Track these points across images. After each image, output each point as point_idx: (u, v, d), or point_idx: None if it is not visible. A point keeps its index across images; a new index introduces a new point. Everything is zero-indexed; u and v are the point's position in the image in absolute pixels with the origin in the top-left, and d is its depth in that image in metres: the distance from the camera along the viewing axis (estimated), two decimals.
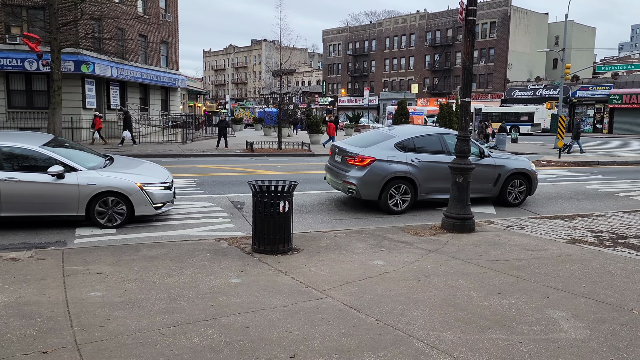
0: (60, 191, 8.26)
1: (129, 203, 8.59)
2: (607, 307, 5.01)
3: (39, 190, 8.19)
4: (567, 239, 7.96)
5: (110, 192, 8.52)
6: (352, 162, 10.32)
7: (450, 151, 10.41)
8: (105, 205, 8.54)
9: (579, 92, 55.90)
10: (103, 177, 8.63)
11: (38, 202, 8.24)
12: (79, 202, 8.36)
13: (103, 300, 4.91)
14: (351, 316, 4.67)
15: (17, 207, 8.20)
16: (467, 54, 8.43)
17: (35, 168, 8.35)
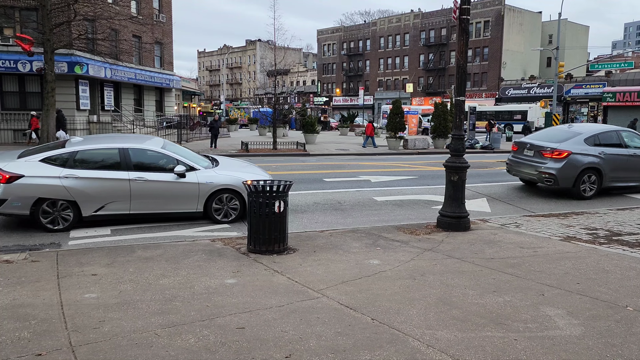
0: (183, 189, 8.94)
1: (242, 199, 9.15)
2: (602, 304, 5.03)
3: (164, 189, 8.86)
4: (561, 236, 7.99)
5: (225, 189, 9.17)
6: (550, 155, 12.03)
7: (628, 145, 12.60)
8: (221, 202, 9.18)
9: (573, 91, 56.13)
10: (219, 175, 9.30)
11: (163, 199, 8.91)
12: (198, 199, 9.04)
13: (98, 302, 4.89)
14: (347, 315, 4.67)
15: (144, 205, 8.84)
16: (461, 53, 8.45)
17: (160, 168, 9.02)
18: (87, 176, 8.44)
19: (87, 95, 27.73)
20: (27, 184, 8.18)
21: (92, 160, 8.72)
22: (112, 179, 8.59)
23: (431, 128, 30.71)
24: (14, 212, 8.29)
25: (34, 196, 8.20)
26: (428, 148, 27.84)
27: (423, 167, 18.89)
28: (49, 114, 20.97)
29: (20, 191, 8.15)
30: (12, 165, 8.37)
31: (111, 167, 8.73)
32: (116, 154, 8.86)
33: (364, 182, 14.32)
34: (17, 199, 8.14)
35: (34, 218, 8.30)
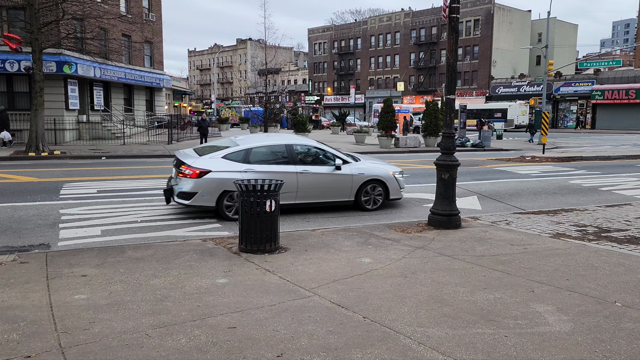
0: (339, 180, 10.00)
1: (386, 189, 10.39)
2: (591, 300, 5.07)
3: (324, 180, 9.87)
4: (551, 233, 8.05)
5: (373, 180, 10.30)
6: None
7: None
8: (366, 193, 10.27)
9: (562, 89, 56.59)
10: (367, 167, 10.43)
11: (322, 190, 9.91)
12: (351, 189, 10.11)
13: (88, 303, 4.86)
14: (338, 314, 4.67)
15: (307, 195, 9.80)
16: (451, 52, 8.48)
17: (320, 162, 10.04)
18: (262, 170, 9.27)
19: (76, 95, 27.49)
20: (214, 178, 9.10)
21: (264, 156, 9.70)
22: (282, 172, 9.42)
23: (422, 126, 30.81)
24: (202, 204, 9.25)
25: (219, 189, 9.10)
26: (419, 146, 27.93)
27: (414, 165, 18.95)
28: (37, 114, 20.79)
29: (208, 185, 9.08)
30: (200, 161, 9.30)
31: (280, 161, 9.71)
32: (284, 150, 9.86)
33: None
34: (205, 192, 9.08)
35: (218, 210, 9.25)
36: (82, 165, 17.80)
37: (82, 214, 9.57)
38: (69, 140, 26.71)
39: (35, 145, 20.59)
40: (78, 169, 16.61)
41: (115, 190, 12.26)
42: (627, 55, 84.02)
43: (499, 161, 21.05)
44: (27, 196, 11.17)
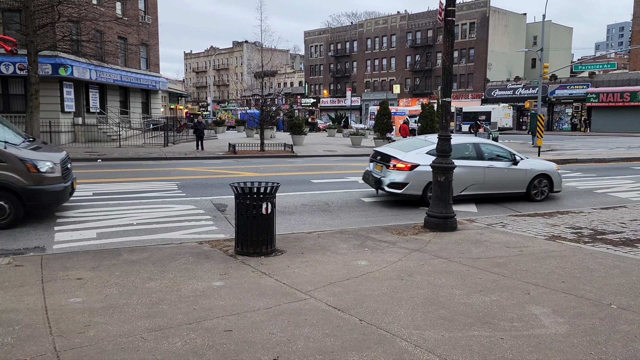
0: (516, 174, 11.70)
1: (551, 182, 12.05)
2: (587, 302, 5.09)
3: (503, 175, 11.59)
4: (547, 235, 8.07)
5: (541, 174, 11.92)
6: None
7: None
8: (534, 186, 11.88)
9: (557, 91, 56.82)
10: (537, 163, 12.22)
11: (502, 183, 11.63)
12: (525, 182, 11.77)
13: (83, 306, 4.84)
14: (335, 317, 4.67)
15: (490, 187, 11.51)
16: (446, 54, 8.50)
17: (499, 158, 11.74)
18: (459, 165, 10.12)
19: (71, 97, 27.43)
20: (422, 171, 10.54)
21: (458, 153, 10.85)
22: (474, 166, 11.29)
23: (418, 129, 30.86)
24: (411, 192, 10.89)
25: (426, 180, 10.52)
26: None
27: None
28: (32, 117, 20.74)
29: (418, 176, 10.75)
30: (409, 156, 11.00)
31: (471, 157, 11.47)
32: (472, 148, 11.64)
33: (352, 183, 14.35)
34: (415, 182, 10.79)
35: (423, 198, 10.84)
36: (78, 168, 17.71)
37: (78, 216, 9.54)
38: (65, 142, 26.62)
39: None
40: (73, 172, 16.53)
41: (111, 193, 12.23)
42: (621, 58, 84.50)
43: None
44: None
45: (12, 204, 8.48)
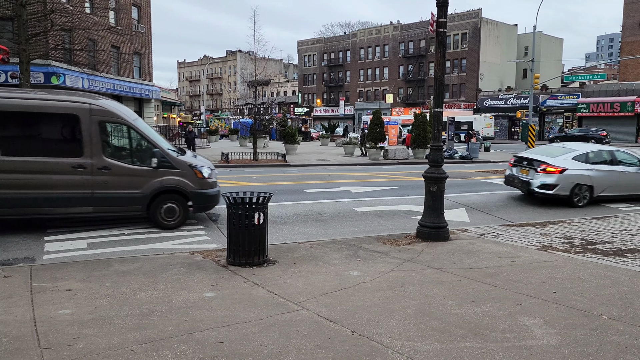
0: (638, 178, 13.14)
1: None
2: (578, 313, 5.10)
3: (631, 178, 13.02)
4: (538, 245, 8.11)
5: None
6: None
7: None
8: None
9: (549, 101, 57.34)
10: None
11: (632, 186, 13.10)
12: None
13: (72, 318, 4.79)
14: (327, 328, 4.65)
15: (622, 189, 12.99)
16: (438, 65, 8.57)
17: (628, 164, 13.13)
18: (598, 169, 12.49)
19: None
20: (570, 175, 12.29)
21: (595, 158, 12.84)
22: (611, 171, 12.74)
23: (411, 138, 30.98)
24: (560, 193, 12.33)
25: (573, 182, 12.27)
26: (408, 158, 28.09)
27: (403, 177, 19.03)
28: None
29: (567, 179, 12.26)
30: (557, 161, 12.46)
31: (607, 162, 12.93)
32: (607, 154, 13.20)
33: (345, 192, 14.36)
34: (564, 185, 12.23)
35: (570, 199, 12.41)
36: None
37: (69, 227, 9.45)
38: None
39: None
40: None
41: None
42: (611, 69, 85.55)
43: (487, 173, 21.20)
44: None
45: (181, 206, 9.43)
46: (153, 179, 9.24)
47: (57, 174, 8.73)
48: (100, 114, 8.98)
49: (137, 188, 9.14)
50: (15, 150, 8.67)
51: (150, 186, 9.21)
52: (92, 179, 8.88)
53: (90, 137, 8.84)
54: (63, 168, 8.75)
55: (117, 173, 9.02)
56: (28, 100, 8.87)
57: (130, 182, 9.11)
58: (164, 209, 9.32)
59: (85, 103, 8.97)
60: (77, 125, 8.87)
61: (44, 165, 8.69)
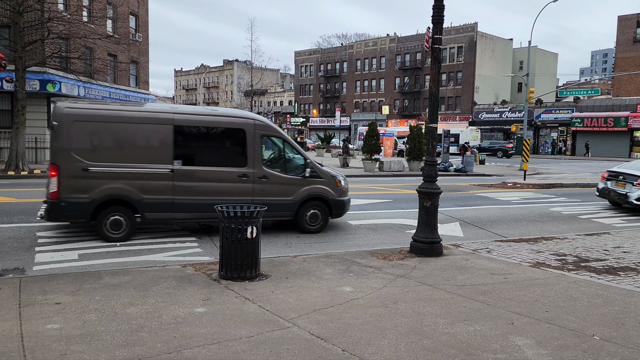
0: None
1: None
2: (570, 333, 5.08)
3: None
4: (531, 262, 8.10)
5: None
6: None
7: None
8: None
9: (543, 115, 57.72)
10: None
11: None
12: None
13: (60, 334, 4.72)
14: (317, 346, 4.61)
15: None
16: (433, 81, 8.61)
17: None
18: None
19: None
20: None
21: None
22: None
23: (406, 150, 31.07)
24: None
25: None
26: (403, 170, 28.12)
27: (398, 190, 19.04)
28: (18, 133, 20.56)
29: None
30: None
31: None
32: None
33: None
34: None
35: None
36: None
37: (60, 237, 9.40)
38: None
39: (15, 164, 20.29)
40: None
41: None
42: (605, 84, 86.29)
43: (481, 187, 21.25)
44: (3, 217, 10.94)
45: (323, 212, 10.49)
46: (302, 187, 10.28)
47: (226, 182, 9.73)
48: (262, 129, 10.03)
49: (289, 195, 10.15)
50: (192, 161, 9.62)
51: (300, 194, 10.23)
52: (253, 186, 9.87)
53: (254, 149, 9.87)
54: (231, 177, 9.77)
55: (273, 181, 10.03)
56: (205, 117, 10.03)
57: (283, 190, 10.12)
58: (309, 215, 10.38)
59: (250, 119, 10.06)
60: (243, 139, 9.86)
61: (216, 174, 9.71)
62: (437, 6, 8.28)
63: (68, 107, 8.98)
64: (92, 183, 8.94)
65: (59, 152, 8.93)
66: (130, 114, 9.40)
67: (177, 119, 9.50)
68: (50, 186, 8.86)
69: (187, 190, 9.45)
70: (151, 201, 9.23)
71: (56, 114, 8.90)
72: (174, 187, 9.36)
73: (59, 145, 8.93)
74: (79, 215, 9.04)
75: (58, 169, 8.82)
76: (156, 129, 9.37)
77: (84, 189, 8.89)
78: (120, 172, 9.10)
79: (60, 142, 8.91)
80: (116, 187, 9.07)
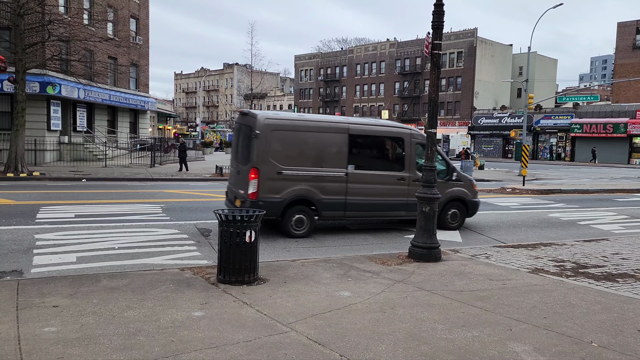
0: None
1: None
2: (568, 340, 5.08)
3: None
4: (530, 268, 8.09)
5: None
6: None
7: None
8: None
9: (542, 121, 57.82)
10: None
11: None
12: None
13: (57, 337, 4.71)
14: (315, 351, 4.60)
15: None
16: (433, 87, 8.63)
17: None
18: None
19: (58, 115, 27.26)
20: None
21: None
22: None
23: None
24: None
25: None
26: None
27: None
28: (18, 135, 20.56)
29: None
30: None
31: None
32: None
33: None
34: None
35: None
36: (62, 188, 17.53)
37: (58, 239, 9.38)
38: (50, 161, 26.36)
39: (14, 165, 20.29)
40: (57, 192, 16.36)
41: (94, 215, 12.06)
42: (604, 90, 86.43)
43: (480, 192, 21.22)
44: (1, 219, 10.93)
45: (461, 212, 11.91)
46: (446, 189, 11.52)
47: (387, 185, 11.03)
48: (416, 138, 11.32)
49: None
50: (361, 165, 10.88)
51: (445, 195, 11.24)
52: (408, 189, 11.11)
53: (410, 156, 11.22)
54: (391, 180, 11.08)
55: None
56: (371, 127, 11.25)
57: None
58: (450, 214, 11.81)
59: (407, 129, 11.56)
60: (402, 146, 11.25)
61: (380, 178, 11.00)
62: (437, 12, 8.31)
63: (267, 118, 10.16)
64: (283, 184, 10.11)
65: (259, 158, 9.96)
66: (314, 124, 10.72)
67: (351, 128, 10.75)
68: (250, 187, 9.90)
69: (356, 192, 10.69)
70: (328, 201, 10.47)
71: (259, 124, 9.94)
72: (346, 189, 10.63)
73: (259, 151, 9.95)
74: (273, 213, 9.96)
75: (258, 172, 9.92)
76: (335, 137, 10.58)
77: (277, 190, 10.05)
78: (305, 175, 10.30)
79: (260, 149, 9.94)
80: (302, 188, 10.28)
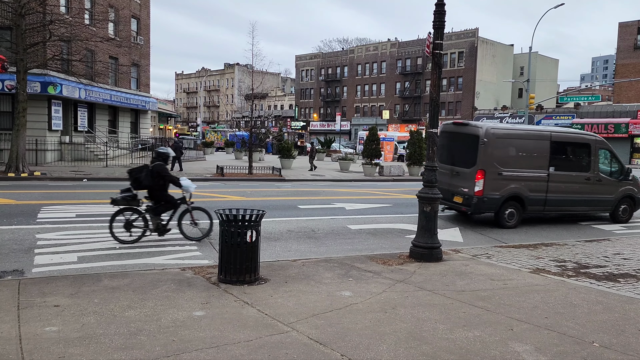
0: None
1: None
2: (569, 340, 5.07)
3: None
4: (531, 268, 8.09)
5: None
6: None
7: None
8: None
9: (544, 121, 57.70)
10: None
11: None
12: None
13: (59, 336, 4.71)
14: (316, 351, 4.60)
15: None
16: (434, 87, 8.62)
17: None
18: None
19: (59, 115, 27.28)
20: None
21: None
22: None
23: (406, 155, 31.09)
24: None
25: None
26: (403, 175, 28.12)
27: (398, 194, 19.03)
28: (19, 134, 20.57)
29: None
30: None
31: None
32: None
33: (339, 209, 14.33)
34: None
35: None
36: (63, 188, 17.54)
37: (59, 239, 9.39)
38: (50, 161, 26.37)
39: (15, 165, 20.29)
40: (58, 192, 16.37)
41: (95, 215, 12.06)
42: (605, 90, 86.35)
43: None
44: (3, 219, 10.93)
45: (630, 207, 14.00)
46: (619, 188, 13.65)
47: (576, 183, 12.96)
48: (599, 143, 13.43)
49: (612, 194, 13.56)
50: (558, 167, 12.69)
51: (619, 193, 13.64)
52: (591, 187, 13.17)
53: (595, 159, 13.20)
54: (579, 179, 13.03)
55: (604, 183, 13.38)
56: (565, 134, 13.57)
57: (609, 190, 13.51)
58: (622, 209, 13.86)
59: (592, 136, 13.83)
60: (588, 151, 13.20)
61: (571, 178, 12.92)
62: (438, 12, 8.30)
63: (492, 128, 12.19)
64: (502, 184, 12.06)
65: (486, 161, 11.88)
66: (525, 132, 12.86)
67: (553, 135, 12.76)
68: (476, 186, 11.87)
69: (554, 190, 12.60)
70: (533, 197, 12.41)
71: (487, 133, 11.89)
72: (547, 187, 12.54)
73: (486, 156, 11.88)
74: (492, 208, 12.17)
75: (484, 173, 11.86)
76: (541, 144, 12.49)
77: (497, 188, 12.02)
78: (517, 176, 12.22)
79: (487, 154, 11.87)
80: (515, 186, 12.20)
